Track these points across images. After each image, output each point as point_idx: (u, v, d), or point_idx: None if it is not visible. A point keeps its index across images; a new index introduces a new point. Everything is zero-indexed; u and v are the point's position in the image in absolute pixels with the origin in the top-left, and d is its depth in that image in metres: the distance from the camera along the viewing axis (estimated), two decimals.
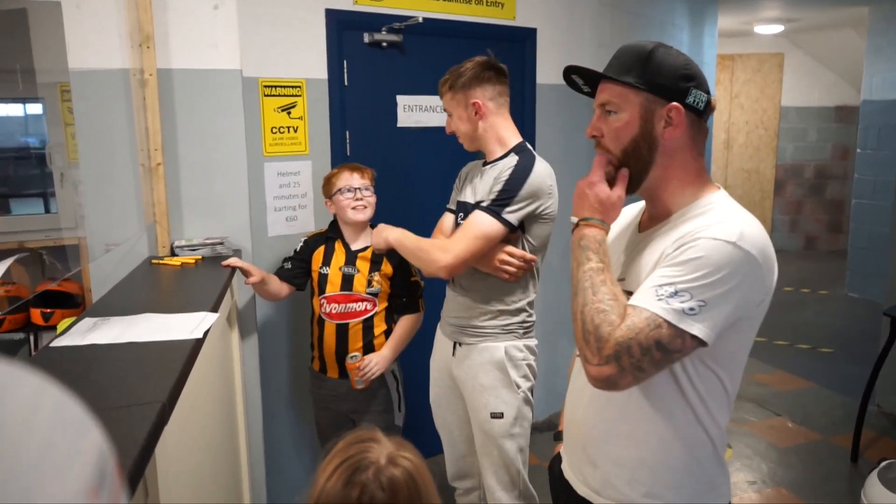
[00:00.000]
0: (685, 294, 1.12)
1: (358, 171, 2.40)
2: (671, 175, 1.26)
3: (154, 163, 2.35)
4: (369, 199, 2.40)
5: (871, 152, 5.96)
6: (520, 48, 3.42)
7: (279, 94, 2.73)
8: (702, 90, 1.24)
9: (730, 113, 8.28)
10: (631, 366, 1.13)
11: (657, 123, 1.23)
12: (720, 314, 1.13)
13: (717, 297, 1.12)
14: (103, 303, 1.86)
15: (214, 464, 1.96)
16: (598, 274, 1.22)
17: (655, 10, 4.61)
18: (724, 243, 1.13)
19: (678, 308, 1.11)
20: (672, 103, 1.22)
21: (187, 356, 1.36)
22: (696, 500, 1.30)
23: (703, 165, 1.29)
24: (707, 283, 1.12)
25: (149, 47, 2.30)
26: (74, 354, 1.37)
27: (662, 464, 1.28)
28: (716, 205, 1.25)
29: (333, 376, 2.44)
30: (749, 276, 1.15)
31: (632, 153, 1.25)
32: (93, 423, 0.42)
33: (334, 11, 2.80)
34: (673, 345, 1.12)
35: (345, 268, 2.40)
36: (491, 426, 2.10)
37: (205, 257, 2.36)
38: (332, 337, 2.40)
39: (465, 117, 2.14)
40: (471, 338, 2.14)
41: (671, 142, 1.24)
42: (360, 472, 0.94)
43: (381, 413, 2.43)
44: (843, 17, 6.68)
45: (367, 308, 2.40)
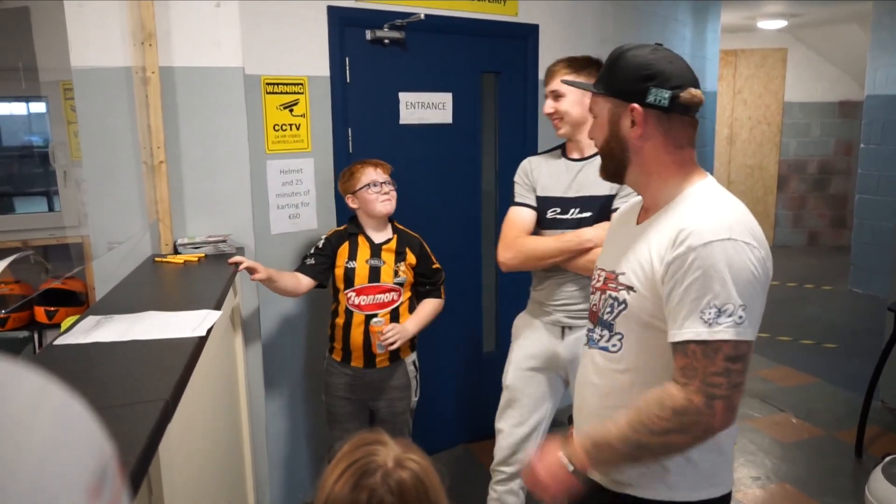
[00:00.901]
0: (728, 307, 1.19)
1: (380, 167, 2.50)
2: (648, 170, 1.35)
3: (157, 161, 2.35)
4: (393, 192, 2.50)
5: (875, 147, 5.94)
6: (522, 44, 3.42)
7: (281, 91, 2.73)
8: (664, 87, 1.29)
9: (733, 108, 8.26)
10: (731, 389, 1.20)
11: (622, 124, 1.33)
12: (759, 305, 1.23)
13: (750, 294, 1.20)
14: (106, 301, 1.86)
15: (218, 461, 1.96)
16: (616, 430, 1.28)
17: (658, 6, 4.59)
18: (721, 242, 1.20)
19: (729, 323, 1.19)
20: (631, 104, 1.30)
21: (190, 354, 1.36)
22: (692, 489, 1.34)
23: (684, 157, 1.35)
24: (733, 288, 1.19)
25: (151, 45, 2.30)
26: (78, 352, 1.38)
27: None
28: (695, 196, 1.32)
29: (358, 365, 2.50)
30: (756, 262, 1.22)
31: (606, 153, 1.38)
32: (95, 421, 0.42)
33: (336, 8, 2.80)
34: (741, 351, 1.20)
35: (371, 260, 2.48)
36: None
37: (208, 255, 2.36)
38: (361, 327, 2.46)
39: (581, 101, 2.17)
40: (581, 320, 2.21)
41: (638, 140, 1.32)
42: (368, 476, 0.94)
43: (400, 397, 2.56)
44: (846, 12, 6.66)
45: (394, 298, 2.49)
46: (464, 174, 3.34)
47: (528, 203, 2.29)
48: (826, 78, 8.05)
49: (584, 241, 2.14)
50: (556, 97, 2.20)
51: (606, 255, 1.49)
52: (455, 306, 3.41)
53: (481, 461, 3.42)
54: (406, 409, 2.60)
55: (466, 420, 3.53)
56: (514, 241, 2.25)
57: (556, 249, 2.18)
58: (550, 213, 2.26)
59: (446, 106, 3.20)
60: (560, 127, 2.23)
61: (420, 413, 3.32)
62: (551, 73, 2.23)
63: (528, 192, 2.31)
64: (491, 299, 3.60)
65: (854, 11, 6.50)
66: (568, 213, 2.23)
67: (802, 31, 7.76)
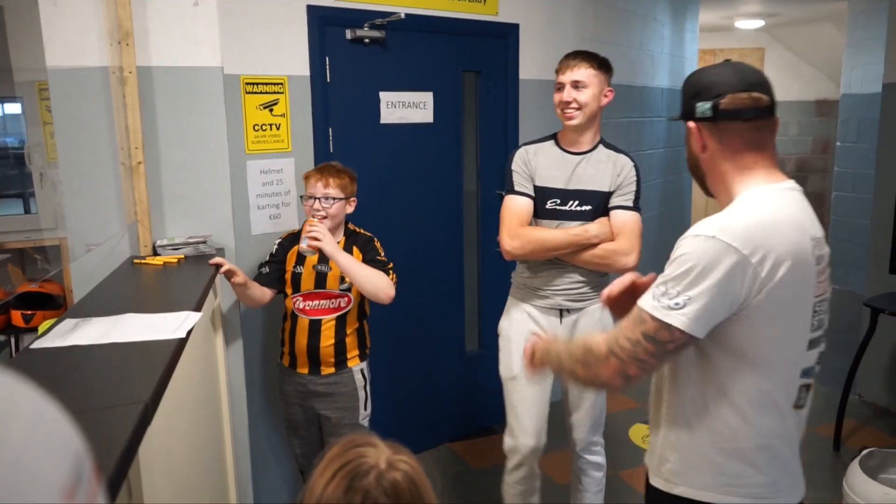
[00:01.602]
0: (673, 290, 1.24)
1: (323, 179, 2.34)
2: (714, 180, 1.40)
3: (135, 161, 2.33)
4: (329, 209, 2.34)
5: (851, 145, 6.02)
6: (502, 43, 3.43)
7: (261, 91, 2.71)
8: (706, 99, 1.34)
9: None
10: (629, 357, 1.28)
11: (692, 143, 1.40)
12: (704, 306, 1.21)
13: (700, 290, 1.21)
14: (85, 303, 1.84)
15: (200, 463, 1.95)
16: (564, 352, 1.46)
17: (637, 5, 4.63)
18: (704, 238, 1.23)
19: (665, 304, 1.24)
20: (689, 123, 1.38)
21: (170, 356, 1.35)
22: (715, 489, 1.35)
23: (745, 162, 1.34)
24: (690, 278, 1.22)
25: (128, 45, 2.27)
26: (56, 356, 1.36)
27: (685, 446, 1.37)
28: (736, 201, 1.33)
29: (304, 371, 2.45)
30: (732, 267, 1.20)
31: (691, 171, 1.46)
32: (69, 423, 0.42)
33: (316, 8, 2.79)
34: (660, 336, 1.24)
35: (318, 266, 2.40)
36: None
37: (187, 256, 2.34)
38: (305, 332, 2.40)
39: (599, 97, 2.30)
40: (580, 303, 2.38)
41: (702, 154, 1.39)
42: (360, 478, 0.93)
43: (347, 410, 2.45)
44: (822, 12, 6.74)
45: (342, 305, 2.41)
46: (445, 173, 3.34)
47: (528, 192, 2.33)
48: (803, 77, 8.14)
49: (592, 237, 2.26)
50: (579, 88, 2.26)
51: None
52: (437, 305, 3.42)
53: (465, 460, 3.42)
54: (354, 420, 2.45)
55: (450, 419, 3.53)
56: (519, 230, 2.30)
57: (564, 242, 2.26)
58: (550, 203, 2.32)
59: (427, 105, 3.20)
60: (575, 117, 2.27)
61: (403, 413, 3.33)
62: (572, 65, 2.29)
63: (526, 182, 2.34)
64: (473, 298, 3.61)
65: (830, 11, 6.59)
66: (567, 205, 2.32)
67: (779, 30, 7.85)
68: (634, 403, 4.06)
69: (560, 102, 2.29)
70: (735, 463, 1.33)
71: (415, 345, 3.36)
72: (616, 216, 2.31)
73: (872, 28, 5.45)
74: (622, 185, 2.32)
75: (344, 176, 2.38)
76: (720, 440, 1.33)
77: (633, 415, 3.89)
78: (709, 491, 1.35)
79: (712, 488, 1.35)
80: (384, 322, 3.15)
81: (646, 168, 5.02)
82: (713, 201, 1.42)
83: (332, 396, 2.45)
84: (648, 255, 5.32)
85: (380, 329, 3.10)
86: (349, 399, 2.46)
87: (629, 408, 3.99)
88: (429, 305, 3.37)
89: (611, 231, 2.30)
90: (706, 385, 1.32)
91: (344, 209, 2.40)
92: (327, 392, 2.45)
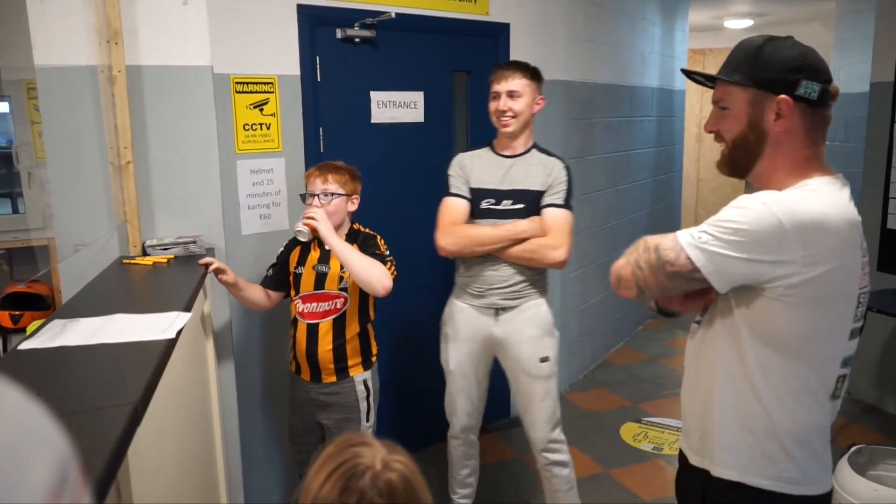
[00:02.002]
0: (704, 228, 1.28)
1: (322, 176, 2.32)
2: (778, 164, 1.34)
3: (124, 161, 2.32)
4: (327, 206, 2.29)
5: (839, 144, 6.05)
6: (493, 43, 3.43)
7: (251, 90, 2.70)
8: (816, 80, 1.29)
9: (701, 107, 8.37)
10: (633, 260, 1.35)
11: (767, 116, 1.31)
12: (725, 255, 1.25)
13: (728, 240, 1.24)
14: (73, 304, 1.83)
15: (190, 465, 1.94)
16: None
17: (627, 5, 4.64)
18: (756, 202, 1.24)
19: (689, 232, 1.29)
20: (780, 96, 1.29)
21: (160, 357, 1.34)
22: (746, 471, 1.36)
23: (814, 153, 1.34)
24: (725, 224, 1.25)
25: (117, 43, 2.26)
26: (44, 357, 1.35)
27: (721, 426, 1.38)
28: (799, 187, 1.30)
29: (305, 378, 2.40)
30: (771, 238, 1.22)
31: (741, 144, 1.36)
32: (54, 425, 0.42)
33: (306, 7, 2.78)
34: (666, 255, 1.30)
35: (318, 266, 2.35)
36: (540, 369, 2.49)
37: (177, 256, 2.33)
38: (304, 337, 2.35)
39: (532, 105, 2.47)
40: (514, 300, 2.47)
41: (781, 133, 1.31)
42: (356, 479, 0.92)
43: (347, 421, 2.38)
44: (810, 12, 6.78)
45: (338, 306, 2.34)
46: (436, 173, 3.32)
47: (462, 194, 2.49)
48: None
49: (521, 232, 2.40)
50: (513, 97, 2.42)
51: None
52: (430, 304, 3.41)
53: None
54: (355, 431, 2.37)
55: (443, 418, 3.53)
56: (452, 228, 2.45)
57: (495, 237, 2.40)
58: (485, 203, 2.47)
59: (418, 105, 3.20)
60: (510, 125, 2.44)
61: (400, 410, 3.33)
62: (506, 76, 2.43)
63: (462, 185, 2.50)
64: None
65: (818, 11, 6.63)
66: (501, 204, 2.46)
67: (768, 30, 7.88)
68: (626, 402, 4.07)
69: (496, 111, 2.45)
70: (767, 448, 1.35)
71: (410, 344, 3.36)
72: (547, 213, 2.43)
73: (859, 28, 5.48)
74: (553, 185, 2.44)
75: (344, 173, 2.35)
76: (756, 425, 1.35)
77: (625, 413, 3.90)
78: (738, 471, 1.37)
79: (743, 469, 1.37)
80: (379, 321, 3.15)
81: (636, 167, 5.05)
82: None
83: (333, 407, 2.38)
84: None
85: (376, 328, 3.10)
86: (349, 410, 2.38)
87: (620, 406, 4.01)
88: (422, 304, 3.36)
89: (540, 227, 2.42)
90: (744, 370, 1.33)
91: (345, 206, 2.35)
92: (328, 402, 2.38)
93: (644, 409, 3.95)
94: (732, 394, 1.36)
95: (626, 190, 4.91)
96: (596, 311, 4.56)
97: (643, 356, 4.85)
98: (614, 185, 4.68)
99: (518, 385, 2.55)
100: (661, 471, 3.28)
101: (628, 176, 4.94)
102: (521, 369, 2.51)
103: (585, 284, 4.36)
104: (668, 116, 5.64)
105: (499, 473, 3.26)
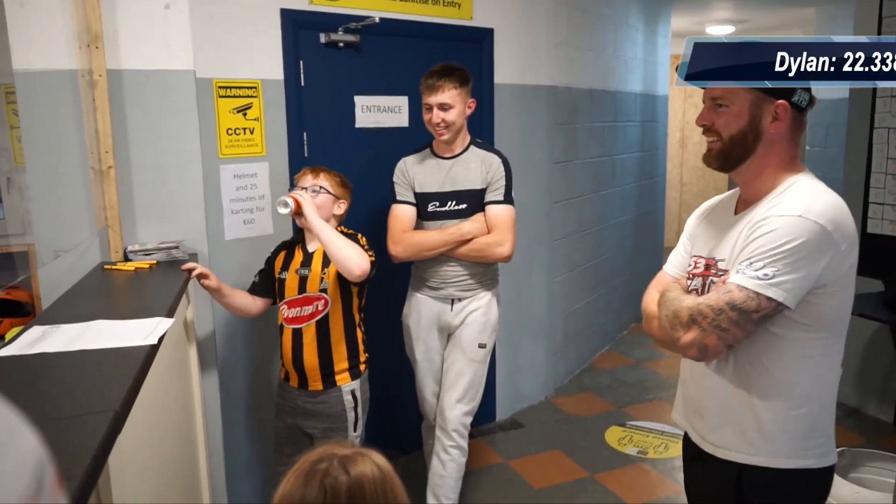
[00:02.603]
0: (759, 262, 1.31)
1: (314, 173, 2.36)
2: (768, 163, 1.43)
3: (105, 166, 2.30)
4: (315, 198, 2.29)
5: (820, 150, 6.12)
6: (477, 48, 3.43)
7: (234, 95, 2.69)
8: (806, 90, 1.41)
9: (684, 112, 8.44)
10: (710, 325, 1.34)
11: (765, 118, 1.41)
12: (794, 278, 1.30)
13: (790, 263, 1.30)
14: (53, 310, 1.81)
15: (173, 472, 1.92)
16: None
17: (611, 10, 4.67)
18: (791, 217, 1.32)
19: (752, 275, 1.31)
20: (780, 101, 1.39)
21: (141, 363, 1.32)
22: (789, 455, 1.43)
23: (796, 153, 1.47)
24: (779, 252, 1.30)
25: (98, 47, 2.24)
26: (22, 364, 1.33)
27: (760, 416, 1.43)
28: (794, 186, 1.41)
29: (293, 385, 2.38)
30: (819, 243, 1.31)
31: (738, 141, 1.43)
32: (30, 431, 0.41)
33: (290, 11, 2.77)
34: (747, 305, 1.31)
35: (301, 270, 2.34)
36: (476, 354, 2.65)
37: (159, 262, 2.31)
38: (290, 343, 2.33)
39: (464, 111, 2.54)
40: (469, 291, 2.63)
41: (774, 134, 1.41)
42: (319, 464, 0.95)
43: (333, 431, 2.35)
44: (790, 18, 6.86)
45: (319, 308, 2.31)
46: None
47: (409, 200, 2.61)
48: None
49: (465, 234, 2.53)
50: (445, 109, 2.49)
51: (704, 243, 1.58)
52: None
53: None
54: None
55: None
56: (401, 235, 2.57)
57: (441, 241, 2.54)
58: (431, 206, 2.59)
59: (402, 109, 3.20)
60: (445, 134, 2.52)
61: (391, 413, 3.31)
62: (437, 88, 2.48)
63: (407, 191, 2.62)
64: None
65: (798, 18, 6.71)
66: (446, 206, 2.58)
67: (750, 36, 7.97)
68: (610, 406, 4.08)
69: (431, 123, 2.53)
70: (804, 426, 1.43)
71: (394, 346, 3.35)
72: (489, 210, 2.55)
73: (839, 34, 5.55)
74: (492, 182, 2.55)
75: (337, 176, 2.39)
76: (799, 409, 1.42)
77: (609, 417, 3.91)
78: (784, 457, 1.44)
79: (787, 454, 1.43)
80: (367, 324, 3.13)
81: (620, 172, 5.08)
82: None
83: (319, 416, 2.35)
84: (624, 257, 5.39)
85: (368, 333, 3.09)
86: (336, 420, 2.35)
87: (605, 410, 4.02)
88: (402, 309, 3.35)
89: (485, 226, 2.55)
90: (788, 361, 1.40)
91: (332, 206, 2.34)
92: (314, 411, 2.36)
93: (629, 413, 3.96)
94: (775, 386, 1.42)
95: (611, 194, 4.93)
96: (581, 316, 4.57)
97: (628, 360, 4.87)
98: (599, 189, 4.70)
99: (451, 363, 2.67)
100: (646, 474, 3.29)
101: (613, 181, 4.96)
102: (459, 348, 2.65)
103: (570, 289, 4.37)
104: (651, 121, 5.67)
105: (483, 478, 3.26)
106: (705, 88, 1.48)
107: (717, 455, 1.51)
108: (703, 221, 1.65)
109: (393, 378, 3.39)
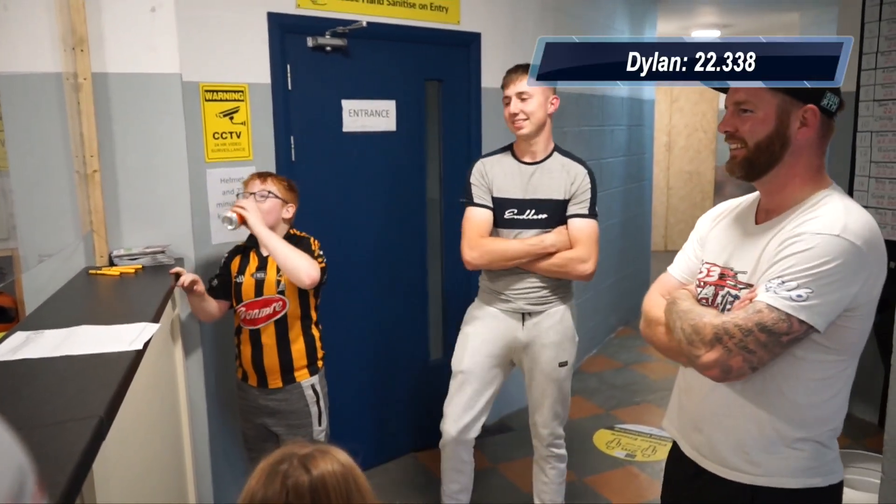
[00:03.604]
0: (792, 282, 1.24)
1: (261, 178, 2.36)
2: (796, 172, 1.36)
3: (90, 170, 2.28)
4: (262, 203, 2.30)
5: None
6: (465, 52, 3.44)
7: (221, 98, 2.68)
8: (836, 94, 1.33)
9: (670, 116, 8.49)
10: (736, 346, 1.26)
11: (792, 123, 1.33)
12: (829, 301, 1.24)
13: (825, 285, 1.23)
14: (37, 316, 1.79)
15: (159, 478, 1.90)
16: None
17: (598, 14, 4.70)
18: (829, 236, 1.24)
19: (785, 295, 1.24)
20: (808, 105, 1.31)
21: (126, 368, 1.32)
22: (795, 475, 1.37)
23: (823, 162, 1.39)
24: (815, 272, 1.23)
25: (83, 50, 2.23)
26: (5, 370, 1.32)
27: (768, 437, 1.37)
28: (826, 200, 1.34)
29: (253, 385, 2.39)
30: (856, 265, 1.24)
31: (765, 148, 1.35)
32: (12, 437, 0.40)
33: (276, 15, 2.76)
34: (778, 328, 1.24)
35: (256, 274, 2.35)
36: (559, 373, 2.50)
37: (145, 267, 2.30)
38: (248, 343, 2.36)
39: (545, 105, 2.40)
40: (541, 306, 2.48)
41: (803, 141, 1.33)
42: (280, 464, 0.95)
43: (298, 427, 2.38)
44: (775, 23, 6.93)
45: (277, 309, 2.34)
46: (408, 182, 3.33)
47: (486, 204, 2.46)
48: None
49: (548, 247, 2.39)
50: (523, 99, 2.36)
51: (720, 250, 1.49)
52: (401, 314, 3.40)
53: (430, 470, 3.40)
54: (308, 437, 2.40)
55: (414, 428, 3.51)
56: (478, 241, 2.43)
57: (522, 252, 2.39)
58: (508, 213, 2.45)
59: (390, 113, 3.20)
60: (524, 127, 2.38)
61: (366, 422, 3.30)
62: (513, 79, 2.39)
63: (485, 194, 2.47)
64: (437, 306, 3.60)
65: (782, 22, 6.78)
66: (524, 214, 2.44)
67: None
68: (598, 409, 4.09)
69: (509, 115, 2.41)
70: (813, 445, 1.37)
71: (378, 353, 3.34)
72: (573, 224, 2.42)
73: None
74: (577, 194, 2.43)
75: (283, 181, 2.39)
76: (812, 431, 1.36)
77: (598, 421, 3.92)
78: (792, 477, 1.38)
79: (793, 474, 1.38)
80: (347, 330, 3.13)
81: (607, 176, 5.09)
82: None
83: (282, 414, 2.38)
84: (611, 261, 5.40)
85: (343, 337, 3.08)
86: (299, 416, 2.39)
87: (593, 414, 4.03)
88: (392, 314, 3.35)
89: (568, 239, 2.41)
90: (797, 378, 1.34)
91: (279, 210, 2.35)
92: (277, 409, 2.38)
93: (617, 416, 3.97)
94: (787, 407, 1.36)
95: (599, 199, 4.94)
96: None
97: (616, 363, 4.89)
98: None
99: (533, 384, 2.55)
100: (635, 478, 3.30)
101: (600, 185, 4.94)
102: (539, 370, 2.52)
103: None
104: (637, 125, 5.70)
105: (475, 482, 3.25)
106: (728, 92, 1.40)
107: (720, 474, 1.43)
108: (718, 226, 1.55)
109: (362, 387, 3.39)
